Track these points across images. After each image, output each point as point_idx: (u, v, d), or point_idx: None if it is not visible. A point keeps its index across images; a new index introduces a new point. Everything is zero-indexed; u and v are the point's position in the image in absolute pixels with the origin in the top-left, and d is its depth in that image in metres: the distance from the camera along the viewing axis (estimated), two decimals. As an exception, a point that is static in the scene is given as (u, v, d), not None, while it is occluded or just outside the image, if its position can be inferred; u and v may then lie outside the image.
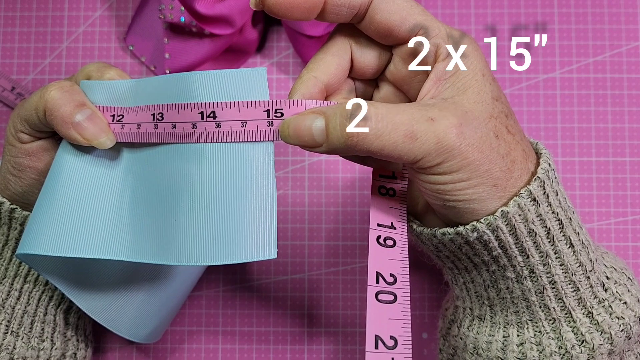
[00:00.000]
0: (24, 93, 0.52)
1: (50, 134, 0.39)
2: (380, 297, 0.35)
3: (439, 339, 0.42)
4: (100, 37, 0.53)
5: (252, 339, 0.50)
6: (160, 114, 0.35)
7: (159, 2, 0.48)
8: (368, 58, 0.37)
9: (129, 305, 0.44)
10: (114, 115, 0.37)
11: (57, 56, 0.53)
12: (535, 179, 0.34)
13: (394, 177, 0.38)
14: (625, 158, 0.51)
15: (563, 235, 0.35)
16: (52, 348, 0.43)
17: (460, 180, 0.34)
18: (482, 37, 0.52)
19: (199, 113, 0.34)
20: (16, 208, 0.41)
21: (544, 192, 0.35)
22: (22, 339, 0.42)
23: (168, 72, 0.50)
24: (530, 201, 0.34)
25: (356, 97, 0.38)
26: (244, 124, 0.34)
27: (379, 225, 0.37)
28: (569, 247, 0.35)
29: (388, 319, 0.34)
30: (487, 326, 0.38)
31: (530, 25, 0.53)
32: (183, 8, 0.47)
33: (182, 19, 0.48)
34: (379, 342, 0.33)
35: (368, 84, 0.38)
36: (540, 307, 0.36)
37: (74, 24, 0.53)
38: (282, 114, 0.34)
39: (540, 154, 0.37)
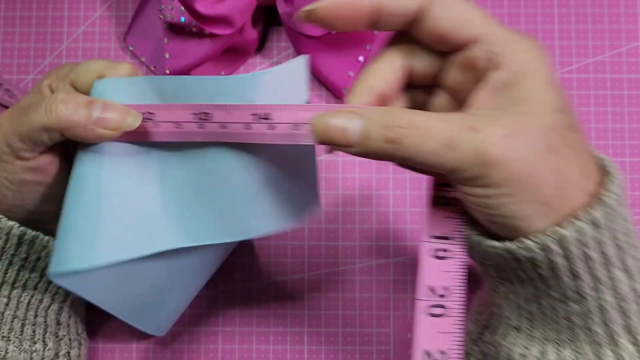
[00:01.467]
0: (12, 89, 0.52)
1: (56, 144, 0.38)
2: (431, 310, 0.34)
3: (466, 342, 0.40)
4: (100, 37, 0.53)
5: (252, 339, 0.50)
6: (205, 114, 0.35)
7: (159, 2, 0.48)
8: (422, 65, 0.35)
9: (160, 303, 0.45)
10: (141, 114, 0.37)
11: (57, 56, 0.53)
12: (599, 202, 0.32)
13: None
14: (625, 158, 0.51)
15: (620, 262, 0.33)
16: (44, 349, 0.43)
17: (505, 194, 0.31)
18: (482, 37, 0.52)
19: (251, 115, 0.34)
20: (1, 218, 0.39)
21: (607, 217, 0.32)
22: (13, 343, 0.42)
23: (168, 72, 0.50)
24: (591, 226, 0.32)
25: (409, 105, 0.37)
26: (296, 127, 0.34)
27: (434, 237, 0.36)
28: (625, 274, 0.33)
29: (437, 332, 0.34)
30: (523, 338, 0.36)
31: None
32: (183, 8, 0.47)
33: (182, 19, 0.48)
34: (427, 356, 0.33)
35: (422, 92, 0.37)
36: (583, 329, 0.33)
37: (74, 24, 0.53)
38: None
39: (609, 172, 0.34)
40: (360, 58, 0.50)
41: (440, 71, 0.35)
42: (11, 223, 0.40)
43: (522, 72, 0.32)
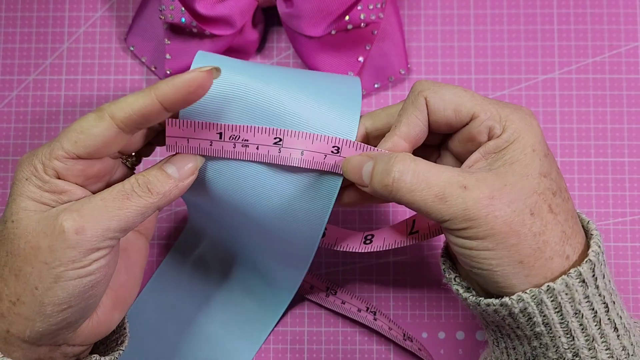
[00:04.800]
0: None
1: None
2: None
3: None
4: (101, 38, 0.53)
5: (252, 339, 0.50)
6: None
7: (160, 3, 0.48)
8: (429, 136, 0.39)
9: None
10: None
11: (58, 57, 0.53)
12: (586, 261, 0.35)
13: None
14: (624, 158, 0.51)
15: (608, 319, 0.35)
16: None
17: (486, 248, 0.35)
18: (482, 37, 0.52)
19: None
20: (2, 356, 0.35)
21: (593, 275, 0.35)
22: None
23: (169, 72, 0.51)
24: (579, 282, 0.34)
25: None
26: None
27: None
28: (614, 331, 0.35)
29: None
30: None
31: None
32: (183, 9, 0.47)
33: (183, 20, 0.48)
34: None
35: (430, 151, 0.41)
36: None
37: (74, 24, 0.53)
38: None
39: (592, 234, 0.37)
40: (360, 58, 0.50)
41: (444, 139, 0.40)
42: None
43: (513, 140, 0.36)
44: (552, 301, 0.34)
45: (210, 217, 0.45)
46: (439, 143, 0.40)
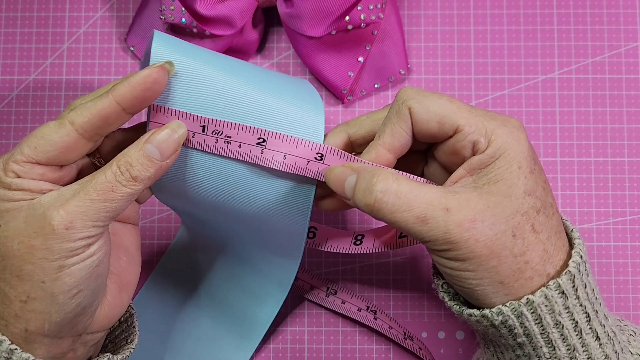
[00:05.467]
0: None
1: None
2: None
3: None
4: (101, 38, 0.53)
5: (252, 339, 0.50)
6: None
7: (160, 3, 0.48)
8: (415, 143, 0.38)
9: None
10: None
11: (59, 57, 0.53)
12: (565, 273, 0.35)
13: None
14: (624, 158, 0.51)
15: (590, 328, 0.35)
16: None
17: (466, 269, 0.35)
18: (482, 38, 0.52)
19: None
20: (16, 349, 0.34)
21: (573, 286, 0.35)
22: None
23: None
24: (559, 293, 0.34)
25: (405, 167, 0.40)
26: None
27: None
28: (595, 340, 0.35)
29: None
30: None
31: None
32: (184, 9, 0.48)
33: (183, 20, 0.48)
34: None
35: (417, 158, 0.40)
36: None
37: (74, 24, 0.53)
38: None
39: (574, 244, 0.37)
40: (360, 59, 0.50)
41: (431, 145, 0.39)
42: (25, 355, 0.34)
43: (499, 155, 0.35)
44: (532, 313, 0.34)
45: (196, 218, 0.45)
46: (426, 149, 0.40)
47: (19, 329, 0.35)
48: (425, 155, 0.40)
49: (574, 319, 0.35)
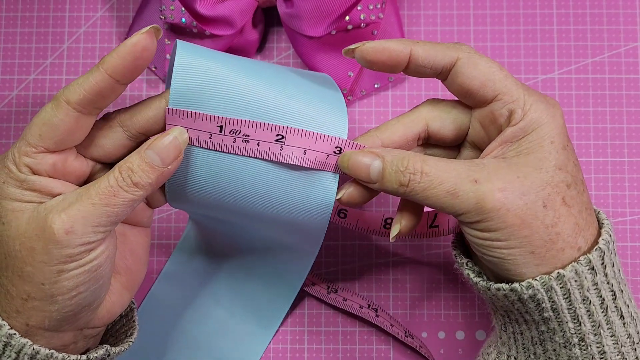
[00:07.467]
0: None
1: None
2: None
3: None
4: (102, 38, 0.53)
5: (252, 339, 0.50)
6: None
7: (160, 3, 0.48)
8: (447, 128, 0.39)
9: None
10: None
11: (59, 56, 0.53)
12: (595, 249, 0.35)
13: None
14: (624, 158, 0.51)
15: (615, 307, 0.36)
16: None
17: (497, 239, 0.35)
18: (482, 38, 0.52)
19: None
20: (15, 334, 0.34)
21: (602, 263, 0.35)
22: None
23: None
24: (588, 269, 0.35)
25: None
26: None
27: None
28: (620, 319, 0.36)
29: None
30: None
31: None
32: (184, 9, 0.48)
33: (183, 20, 0.48)
34: None
35: (450, 150, 0.41)
36: None
37: (75, 24, 0.53)
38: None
39: (603, 224, 0.37)
40: (360, 58, 0.50)
41: (464, 133, 0.39)
42: (23, 340, 0.35)
43: (532, 130, 0.36)
44: (561, 288, 0.35)
45: (212, 218, 0.45)
46: (459, 144, 0.40)
47: (20, 323, 0.35)
48: (458, 150, 0.41)
49: (601, 296, 0.35)
